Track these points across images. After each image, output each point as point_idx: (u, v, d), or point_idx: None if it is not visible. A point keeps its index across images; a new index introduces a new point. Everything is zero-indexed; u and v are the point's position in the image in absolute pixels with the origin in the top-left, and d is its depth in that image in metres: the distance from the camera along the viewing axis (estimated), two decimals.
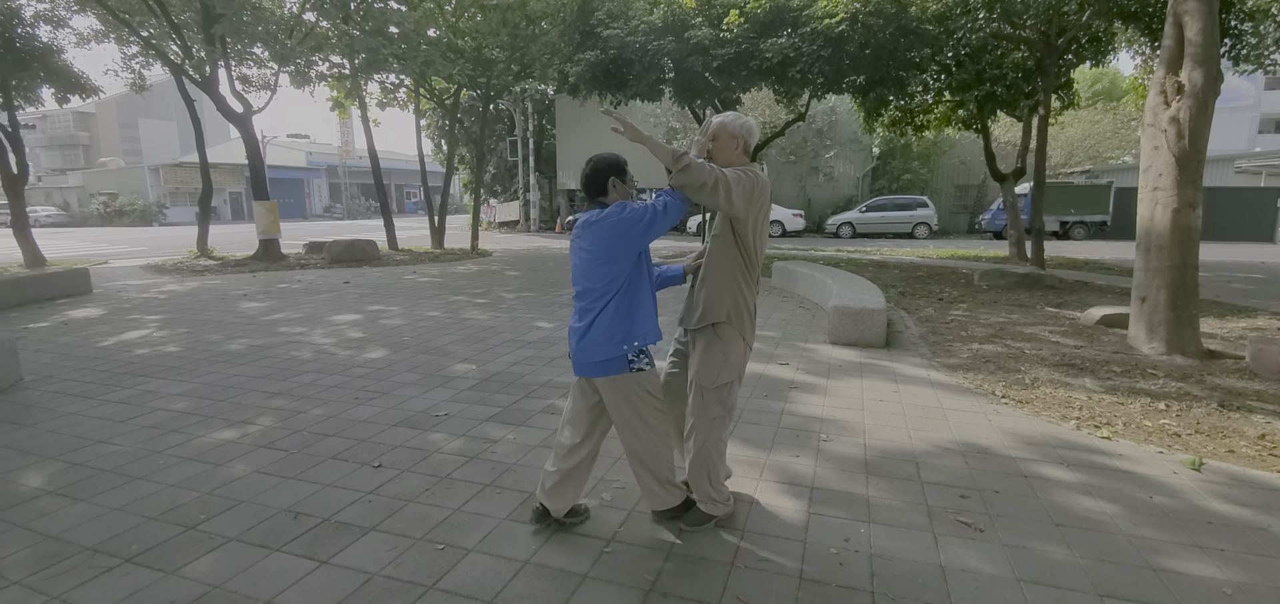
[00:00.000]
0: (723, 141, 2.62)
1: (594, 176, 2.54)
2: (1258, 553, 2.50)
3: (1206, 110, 5.38)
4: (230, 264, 13.50)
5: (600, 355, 2.43)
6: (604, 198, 2.54)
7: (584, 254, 2.47)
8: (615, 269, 2.41)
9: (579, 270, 2.51)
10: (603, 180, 2.52)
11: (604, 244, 2.41)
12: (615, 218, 2.39)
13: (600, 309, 2.44)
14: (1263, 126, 46.38)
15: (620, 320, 2.42)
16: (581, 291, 2.51)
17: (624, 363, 2.42)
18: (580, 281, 2.51)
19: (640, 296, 2.48)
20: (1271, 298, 9.08)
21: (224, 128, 40.35)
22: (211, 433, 3.88)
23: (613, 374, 2.44)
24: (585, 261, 2.47)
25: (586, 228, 2.47)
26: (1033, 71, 11.46)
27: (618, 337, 2.41)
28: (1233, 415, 4.07)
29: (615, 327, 2.42)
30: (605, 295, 2.43)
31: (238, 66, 14.92)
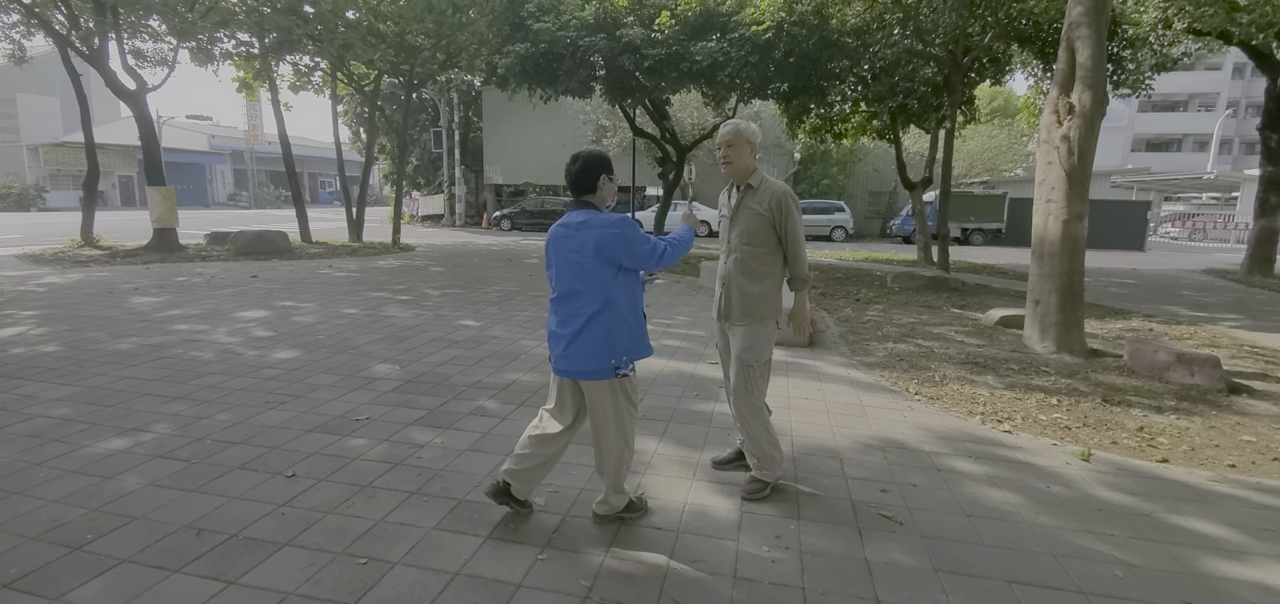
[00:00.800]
0: (739, 147, 2.90)
1: (584, 174, 2.51)
2: (1143, 537, 2.75)
3: (1094, 129, 5.89)
4: (120, 255, 12.35)
5: (591, 364, 2.45)
6: (592, 196, 2.52)
7: (572, 256, 2.45)
8: (607, 276, 2.44)
9: (567, 272, 2.48)
10: (593, 177, 2.51)
11: (594, 250, 2.41)
12: (619, 230, 2.42)
13: (589, 317, 2.43)
14: (1135, 145, 51.55)
15: (615, 333, 2.45)
16: (567, 294, 2.48)
17: (610, 371, 2.46)
18: (568, 283, 2.48)
19: (634, 309, 2.53)
20: (1144, 301, 10.07)
21: (113, 105, 36.89)
22: (99, 442, 3.52)
23: (599, 380, 2.48)
24: (576, 264, 2.45)
25: (581, 231, 2.43)
26: (941, 87, 12.19)
27: (609, 349, 2.44)
28: (1114, 409, 4.47)
29: (608, 339, 2.44)
30: (597, 301, 2.43)
31: (131, 40, 13.65)
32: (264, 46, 13.55)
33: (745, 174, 2.94)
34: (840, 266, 13.59)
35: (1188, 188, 35.19)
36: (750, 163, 2.93)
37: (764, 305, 2.92)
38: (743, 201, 2.96)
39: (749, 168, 2.94)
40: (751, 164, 2.94)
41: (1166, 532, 2.79)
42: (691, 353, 5.81)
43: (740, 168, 2.93)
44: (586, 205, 2.53)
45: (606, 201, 2.57)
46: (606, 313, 2.44)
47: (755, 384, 2.95)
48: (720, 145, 2.95)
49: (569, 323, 2.48)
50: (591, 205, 2.53)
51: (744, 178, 2.96)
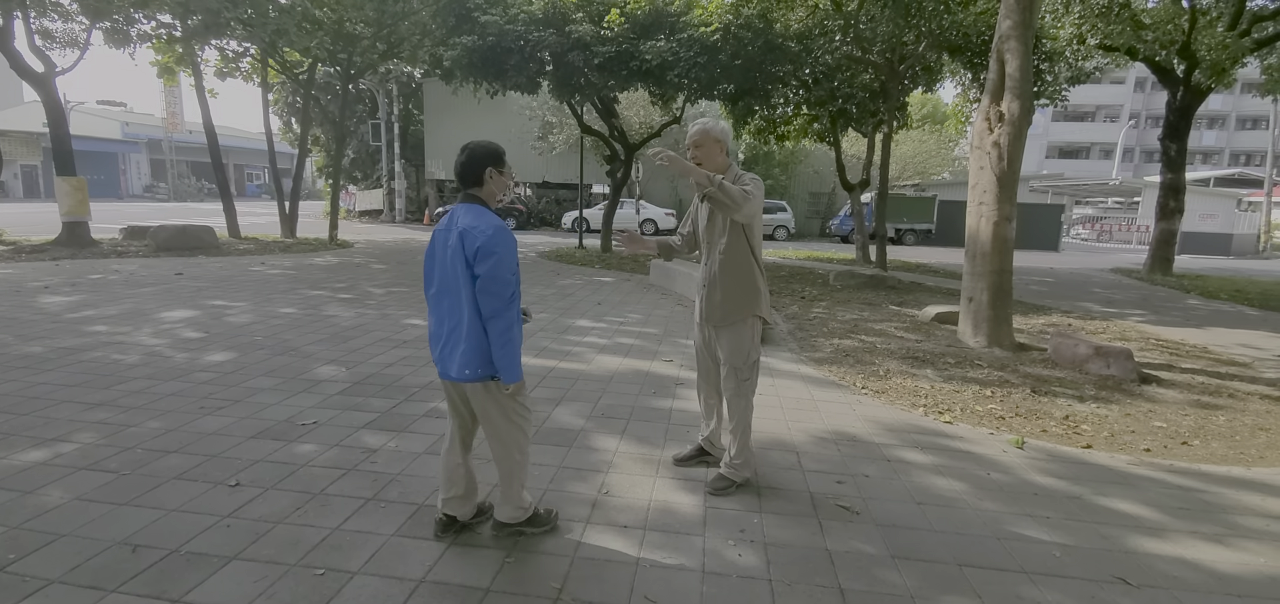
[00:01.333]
0: (708, 148, 2.87)
1: (470, 165, 2.36)
2: (1075, 518, 2.94)
3: (1021, 136, 6.25)
4: (25, 250, 11.38)
5: (465, 369, 2.32)
6: (479, 189, 2.38)
7: (452, 253, 2.29)
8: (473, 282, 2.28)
9: (442, 269, 2.35)
10: (479, 170, 2.36)
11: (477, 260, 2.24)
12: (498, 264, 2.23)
13: (463, 317, 2.30)
14: (1049, 152, 55.03)
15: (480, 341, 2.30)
16: (441, 292, 2.36)
17: (490, 370, 2.33)
18: (441, 281, 2.36)
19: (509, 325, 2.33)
20: (1061, 298, 10.77)
21: (15, 88, 33.87)
22: (15, 454, 3.24)
23: (478, 380, 2.34)
24: (450, 262, 2.30)
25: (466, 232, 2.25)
26: (878, 93, 12.67)
27: (476, 357, 2.31)
28: (1042, 399, 4.78)
29: (477, 344, 2.30)
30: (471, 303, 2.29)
31: (38, 18, 12.55)
32: (187, 29, 12.73)
33: (718, 172, 2.86)
34: (784, 265, 13.93)
35: (1095, 192, 37.82)
36: (722, 161, 2.89)
37: (746, 303, 2.93)
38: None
39: (722, 166, 2.89)
40: (723, 162, 2.90)
41: (1095, 513, 3.00)
42: (646, 351, 5.84)
43: (711, 166, 2.87)
44: (473, 200, 2.38)
45: (495, 196, 2.42)
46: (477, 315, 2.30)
47: (745, 386, 2.99)
48: (689, 146, 2.92)
49: (443, 323, 2.37)
50: (478, 200, 2.38)
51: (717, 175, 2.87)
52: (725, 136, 2.91)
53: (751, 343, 2.97)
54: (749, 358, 2.97)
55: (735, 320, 2.94)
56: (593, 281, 10.40)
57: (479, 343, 2.30)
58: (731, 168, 2.94)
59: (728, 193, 2.73)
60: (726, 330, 2.96)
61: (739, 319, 2.94)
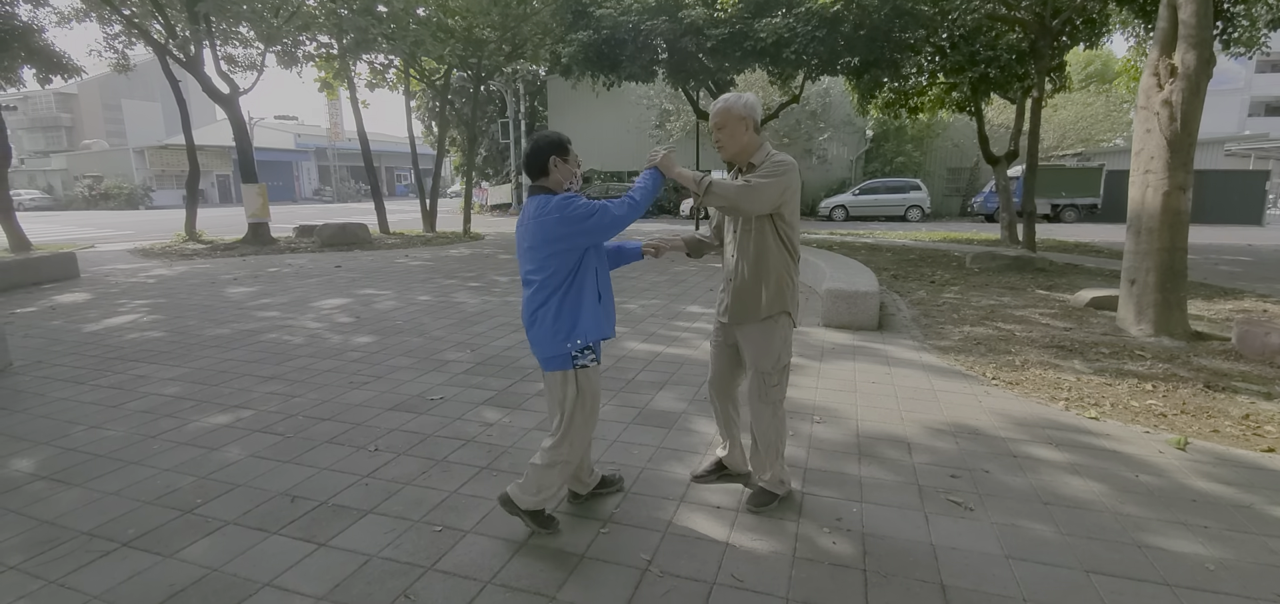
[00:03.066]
0: (731, 128, 2.55)
1: (534, 156, 2.42)
2: (1240, 530, 2.55)
3: (1199, 93, 5.40)
4: (219, 248, 13.39)
5: (546, 351, 2.41)
6: (545, 179, 2.42)
7: (523, 243, 2.41)
8: (558, 262, 2.34)
9: (523, 259, 2.44)
10: (544, 159, 2.40)
11: (546, 236, 2.32)
12: (559, 211, 2.30)
13: (543, 301, 2.37)
14: (1253, 109, 46.64)
15: (565, 317, 2.36)
16: (525, 279, 2.45)
17: (568, 360, 2.39)
18: (525, 271, 2.44)
19: (585, 293, 2.39)
20: (1258, 280, 9.19)
21: (210, 109, 39.69)
22: (205, 418, 3.87)
23: (556, 370, 2.43)
24: (527, 249, 2.40)
25: (531, 216, 2.37)
26: (1027, 54, 11.46)
27: (561, 334, 2.37)
28: (1218, 396, 4.13)
29: (559, 323, 2.36)
30: (548, 288, 2.36)
31: (223, 46, 14.68)
32: (342, 47, 14.26)
33: (745, 154, 2.59)
34: (914, 248, 13.06)
35: None
36: (749, 140, 2.57)
37: (776, 300, 2.58)
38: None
39: (750, 146, 2.58)
40: (752, 141, 2.58)
41: (1267, 524, 2.57)
42: None
43: (737, 148, 2.58)
44: (542, 190, 2.42)
45: (562, 184, 2.43)
46: (556, 297, 2.35)
47: (771, 393, 2.66)
48: (711, 128, 2.62)
49: (528, 306, 2.43)
50: (546, 189, 2.41)
51: (745, 158, 2.60)
52: (751, 111, 2.56)
53: (782, 344, 2.63)
54: (779, 361, 2.63)
55: (761, 318, 2.60)
56: (707, 267, 10.38)
57: (555, 332, 2.37)
58: (762, 146, 2.61)
59: (722, 195, 2.45)
60: (751, 329, 2.63)
61: (765, 316, 2.59)
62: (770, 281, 2.57)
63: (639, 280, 9.02)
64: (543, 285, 2.37)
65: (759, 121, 2.61)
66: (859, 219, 23.04)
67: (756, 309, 2.60)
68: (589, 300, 2.40)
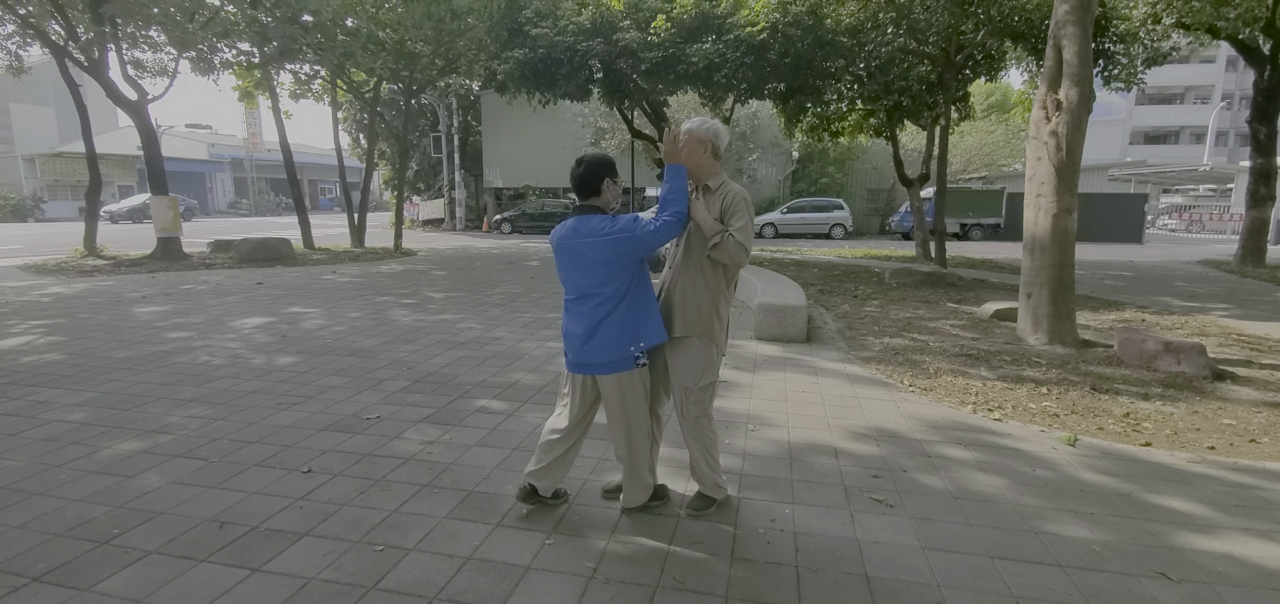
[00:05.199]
0: (692, 149, 2.61)
1: (588, 177, 2.56)
2: (1122, 515, 2.87)
3: (1082, 125, 6.01)
4: (124, 264, 12.48)
5: (609, 356, 2.55)
6: (597, 199, 2.58)
7: (583, 261, 2.54)
8: (623, 276, 2.52)
9: (577, 275, 2.58)
10: (597, 180, 2.56)
11: (612, 253, 2.49)
12: (629, 231, 2.47)
13: (608, 313, 2.53)
14: (1133, 138, 51.66)
15: (630, 324, 2.54)
16: (581, 296, 2.58)
17: (631, 361, 2.56)
18: (580, 286, 2.58)
19: (646, 299, 2.59)
20: (1137, 293, 10.19)
21: (111, 115, 36.92)
22: (117, 444, 3.65)
23: (618, 372, 2.57)
24: (586, 268, 2.54)
25: (584, 237, 2.51)
26: (935, 85, 12.33)
27: (627, 338, 2.54)
28: (1103, 397, 4.60)
29: (624, 330, 2.53)
30: (613, 300, 2.53)
31: (131, 50, 13.78)
32: (264, 56, 13.67)
33: (703, 175, 2.66)
34: (839, 264, 13.71)
35: (1184, 180, 35.30)
36: (707, 162, 2.65)
37: (703, 319, 2.64)
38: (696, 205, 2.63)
39: (708, 168, 2.66)
40: (710, 165, 2.66)
41: (1144, 510, 2.92)
42: None
43: (695, 170, 2.65)
44: (592, 209, 2.58)
45: (610, 204, 2.60)
46: (621, 307, 2.52)
47: (692, 409, 2.72)
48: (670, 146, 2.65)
49: (583, 321, 2.57)
50: (597, 209, 2.58)
51: (702, 179, 2.67)
52: (713, 137, 2.63)
53: (705, 363, 2.68)
54: (701, 379, 2.69)
55: (684, 334, 2.66)
56: None
57: (618, 334, 2.53)
58: (719, 173, 2.69)
59: (729, 251, 2.53)
60: (679, 346, 2.69)
61: (688, 335, 2.66)
62: (702, 304, 2.65)
63: None
64: (609, 297, 2.53)
65: (721, 148, 2.69)
66: (787, 236, 23.99)
67: (682, 325, 2.66)
68: (652, 306, 2.61)
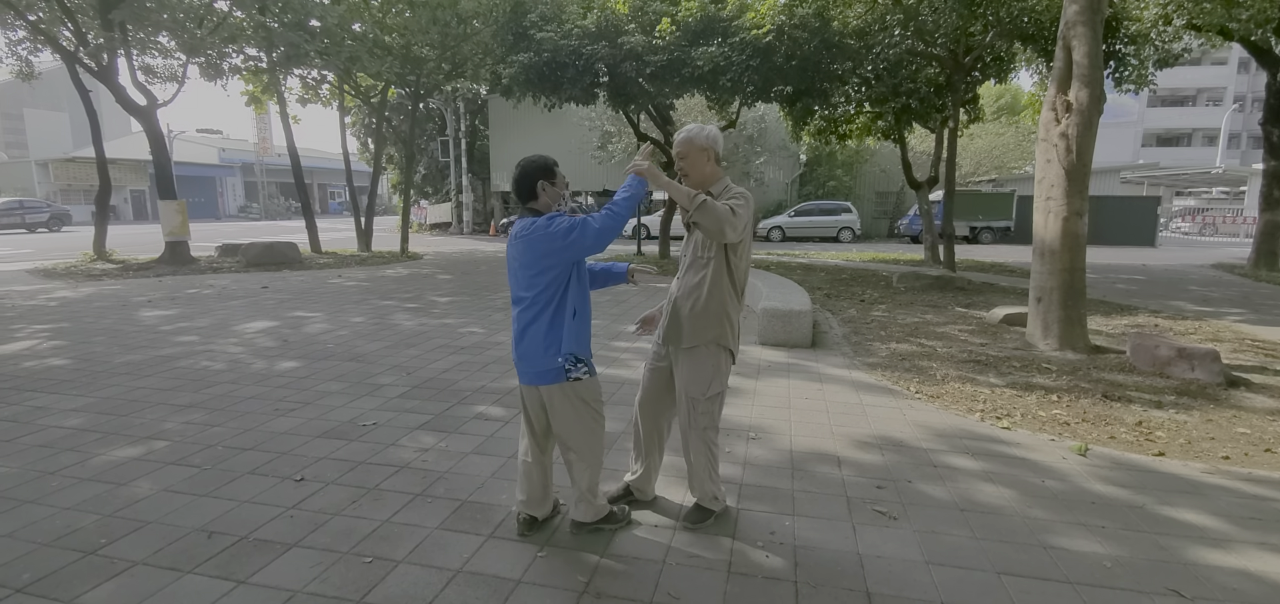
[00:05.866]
0: (693, 157, 2.61)
1: (523, 180, 2.51)
2: (1134, 529, 2.78)
3: (1092, 127, 5.90)
4: (132, 268, 12.55)
5: (537, 366, 2.48)
6: (534, 202, 2.51)
7: (515, 262, 2.50)
8: (546, 280, 2.43)
9: (512, 277, 2.55)
10: (531, 184, 2.49)
11: (533, 255, 2.42)
12: (543, 231, 2.39)
13: (533, 319, 2.46)
14: (1145, 140, 51.12)
15: (553, 331, 2.45)
16: (515, 298, 2.54)
17: (561, 373, 2.47)
18: (514, 288, 2.54)
19: (569, 309, 2.47)
20: (1150, 297, 10.03)
21: (124, 120, 37.31)
22: (111, 451, 3.62)
23: (550, 383, 2.49)
24: (516, 270, 2.51)
25: (517, 237, 2.48)
26: (943, 87, 12.20)
27: (552, 348, 2.45)
28: (1115, 405, 4.49)
29: (550, 337, 2.45)
30: (537, 305, 2.45)
31: (140, 56, 13.87)
32: (272, 60, 13.74)
33: (706, 184, 2.63)
34: (846, 267, 13.60)
35: (1197, 182, 34.85)
36: (711, 170, 2.64)
37: (713, 327, 2.61)
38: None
39: (711, 176, 2.64)
40: (713, 172, 2.64)
41: (1157, 523, 2.82)
42: None
43: (699, 178, 2.63)
44: (531, 212, 2.51)
45: (550, 207, 2.51)
46: (547, 313, 2.44)
47: (698, 420, 2.67)
48: (675, 157, 2.68)
49: (518, 324, 2.52)
50: (535, 213, 2.49)
51: (706, 187, 2.63)
52: (712, 143, 2.62)
53: (713, 373, 2.65)
54: (708, 389, 2.65)
55: (695, 343, 2.63)
56: (647, 287, 10.48)
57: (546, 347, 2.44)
58: (722, 178, 2.67)
59: (712, 214, 2.45)
60: (685, 354, 2.66)
61: (701, 343, 2.63)
62: (711, 311, 2.60)
63: None
64: (532, 303, 2.46)
65: (720, 154, 2.67)
66: (795, 239, 23.87)
67: (692, 334, 2.62)
68: (579, 315, 2.50)
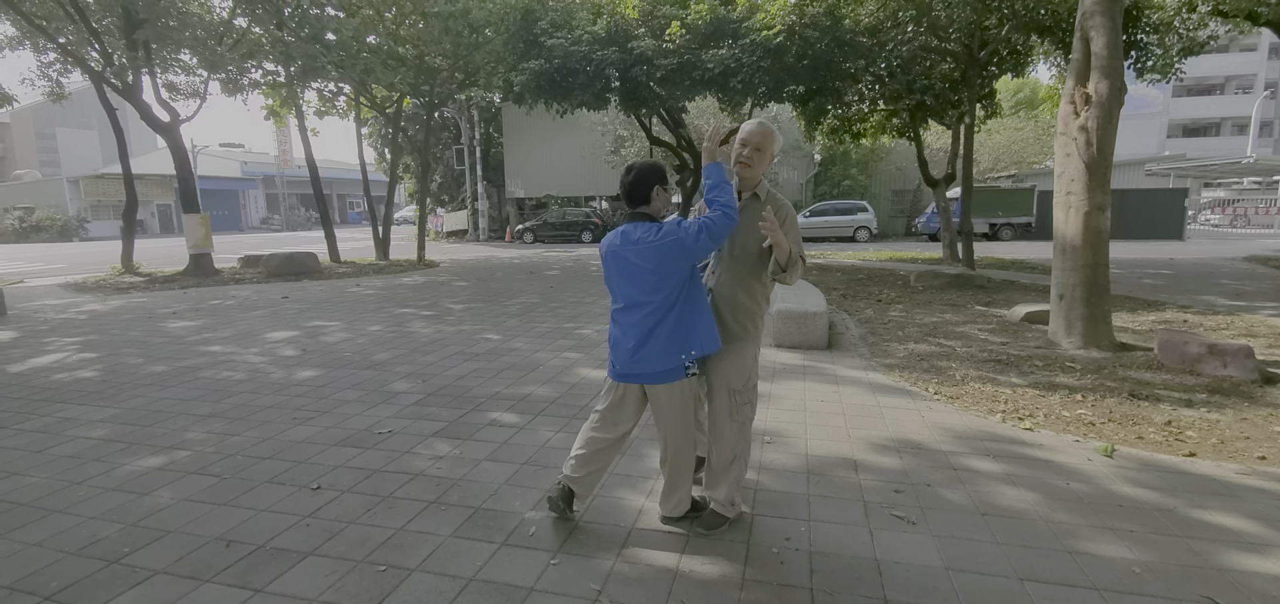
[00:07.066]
0: (767, 151, 2.75)
1: (637, 186, 2.55)
2: (1164, 533, 2.69)
3: (1112, 119, 5.77)
4: (158, 281, 12.82)
5: (659, 366, 2.51)
6: (647, 207, 2.56)
7: (632, 269, 2.51)
8: (673, 283, 2.47)
9: (625, 284, 2.55)
10: (647, 189, 2.54)
11: (657, 260, 2.45)
12: (671, 237, 2.42)
13: (658, 322, 2.49)
14: (1171, 132, 50.00)
15: (680, 332, 2.50)
16: (631, 305, 2.55)
17: (681, 371, 2.52)
18: (628, 295, 2.55)
19: (697, 307, 2.54)
20: (1178, 292, 9.78)
21: (151, 136, 38.22)
22: (136, 460, 3.68)
23: (668, 382, 2.53)
24: (634, 277, 2.51)
25: (633, 245, 2.49)
26: (959, 82, 12.05)
27: (676, 347, 2.50)
28: (1142, 404, 4.37)
29: (675, 339, 2.49)
30: (662, 309, 2.48)
31: (163, 74, 14.20)
32: (290, 75, 13.97)
33: (755, 183, 2.74)
34: (863, 267, 13.46)
35: (1227, 173, 34.03)
36: (766, 167, 2.78)
37: (750, 323, 2.73)
38: (746, 210, 2.68)
39: (760, 177, 2.77)
40: (765, 167, 2.77)
41: (1189, 526, 2.73)
42: None
43: (758, 171, 2.73)
44: (642, 217, 2.56)
45: (661, 212, 2.58)
46: (671, 315, 2.48)
47: (741, 411, 2.70)
48: (745, 144, 2.70)
49: (633, 332, 2.53)
50: (647, 216, 2.56)
51: (753, 186, 2.74)
52: (780, 145, 2.81)
53: (752, 364, 2.75)
54: (749, 380, 2.72)
55: (737, 339, 2.71)
56: None
57: (670, 343, 2.49)
58: (762, 181, 2.78)
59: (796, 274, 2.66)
60: (725, 352, 2.69)
61: (737, 339, 2.71)
62: (749, 307, 2.73)
63: (594, 306, 9.02)
64: (659, 306, 2.48)
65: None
66: (809, 239, 23.64)
67: (739, 332, 2.72)
68: (703, 313, 2.56)
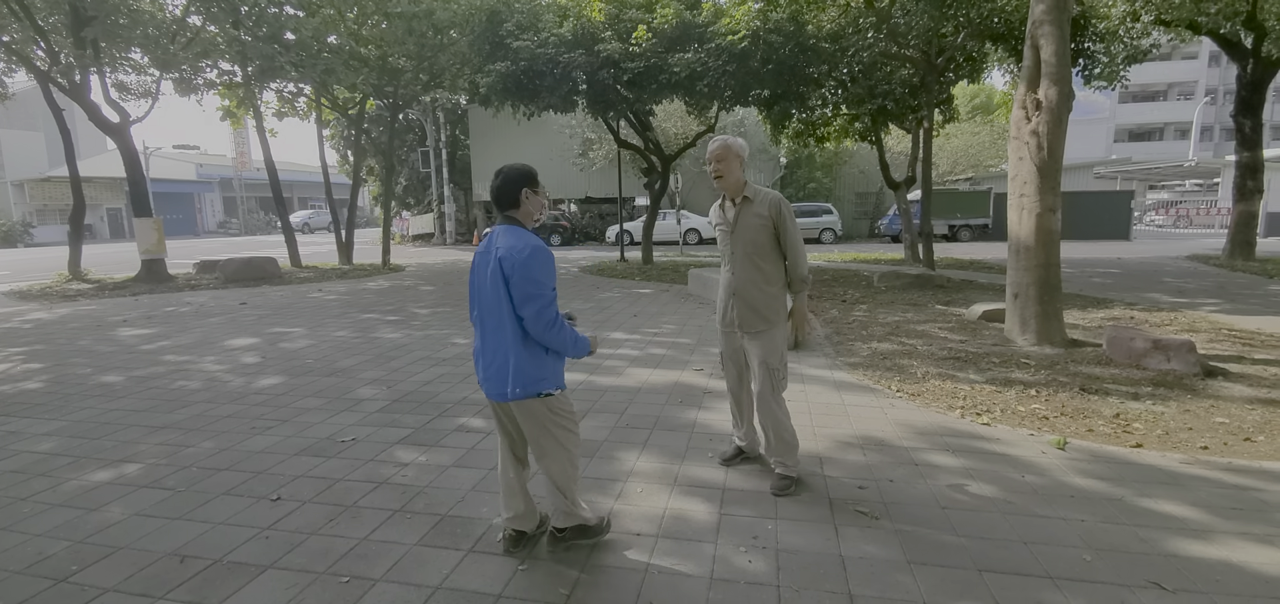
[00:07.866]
0: (729, 162, 3.05)
1: (506, 188, 2.40)
2: (1113, 522, 2.80)
3: (1062, 123, 5.99)
4: (108, 287, 12.32)
5: (509, 387, 2.36)
6: (516, 211, 2.42)
7: (493, 284, 2.35)
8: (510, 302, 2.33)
9: (482, 292, 2.41)
10: (515, 192, 2.40)
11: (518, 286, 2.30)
12: (525, 263, 2.28)
13: (504, 341, 2.36)
14: (1118, 136, 52.08)
15: (522, 358, 2.35)
16: (483, 314, 2.43)
17: (535, 390, 2.38)
18: (482, 304, 2.42)
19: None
20: (1126, 290, 10.19)
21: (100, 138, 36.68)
22: (84, 475, 3.53)
23: (521, 398, 2.39)
24: (491, 292, 2.36)
25: (502, 258, 2.31)
26: (918, 88, 12.35)
27: (526, 372, 2.36)
28: (1092, 398, 4.55)
29: (520, 364, 2.35)
30: (508, 325, 2.34)
31: (113, 73, 13.66)
32: (247, 75, 13.58)
33: (739, 188, 3.09)
34: (828, 268, 13.69)
35: (1170, 176, 35.59)
36: (741, 176, 3.09)
37: (777, 308, 3.11)
38: (742, 213, 3.10)
39: (741, 181, 3.09)
40: (742, 177, 3.09)
41: (1136, 515, 2.85)
42: (677, 360, 5.86)
43: (732, 182, 3.08)
44: (511, 221, 2.42)
45: (533, 216, 2.45)
46: (519, 336, 2.35)
47: (780, 383, 3.14)
48: (711, 161, 3.08)
49: (487, 343, 2.42)
50: (516, 221, 2.43)
51: (738, 191, 3.10)
52: (743, 152, 3.08)
53: (783, 341, 3.17)
54: (783, 355, 3.15)
55: (771, 324, 3.11)
56: (631, 294, 10.48)
57: (523, 361, 2.35)
58: (747, 183, 3.12)
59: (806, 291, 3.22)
60: (763, 333, 3.11)
61: (775, 323, 3.11)
62: (776, 295, 3.12)
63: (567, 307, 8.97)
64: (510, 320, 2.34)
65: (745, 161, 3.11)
66: None
67: (769, 318, 3.10)
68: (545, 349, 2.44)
